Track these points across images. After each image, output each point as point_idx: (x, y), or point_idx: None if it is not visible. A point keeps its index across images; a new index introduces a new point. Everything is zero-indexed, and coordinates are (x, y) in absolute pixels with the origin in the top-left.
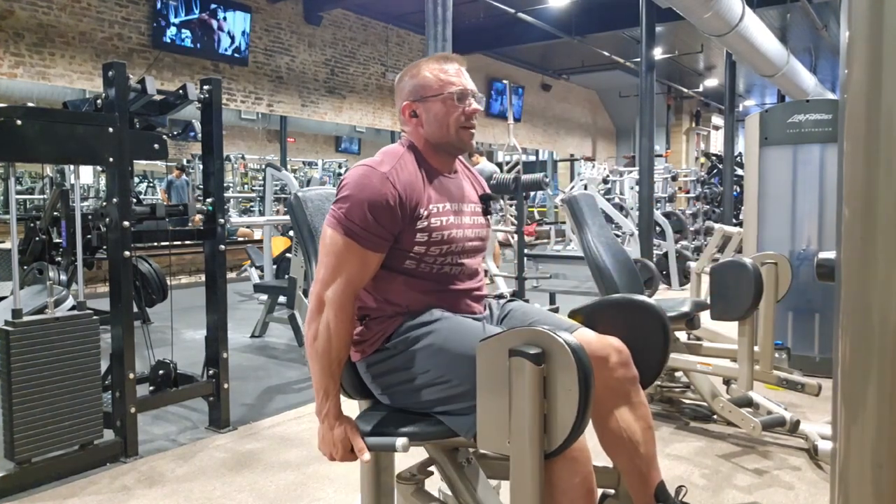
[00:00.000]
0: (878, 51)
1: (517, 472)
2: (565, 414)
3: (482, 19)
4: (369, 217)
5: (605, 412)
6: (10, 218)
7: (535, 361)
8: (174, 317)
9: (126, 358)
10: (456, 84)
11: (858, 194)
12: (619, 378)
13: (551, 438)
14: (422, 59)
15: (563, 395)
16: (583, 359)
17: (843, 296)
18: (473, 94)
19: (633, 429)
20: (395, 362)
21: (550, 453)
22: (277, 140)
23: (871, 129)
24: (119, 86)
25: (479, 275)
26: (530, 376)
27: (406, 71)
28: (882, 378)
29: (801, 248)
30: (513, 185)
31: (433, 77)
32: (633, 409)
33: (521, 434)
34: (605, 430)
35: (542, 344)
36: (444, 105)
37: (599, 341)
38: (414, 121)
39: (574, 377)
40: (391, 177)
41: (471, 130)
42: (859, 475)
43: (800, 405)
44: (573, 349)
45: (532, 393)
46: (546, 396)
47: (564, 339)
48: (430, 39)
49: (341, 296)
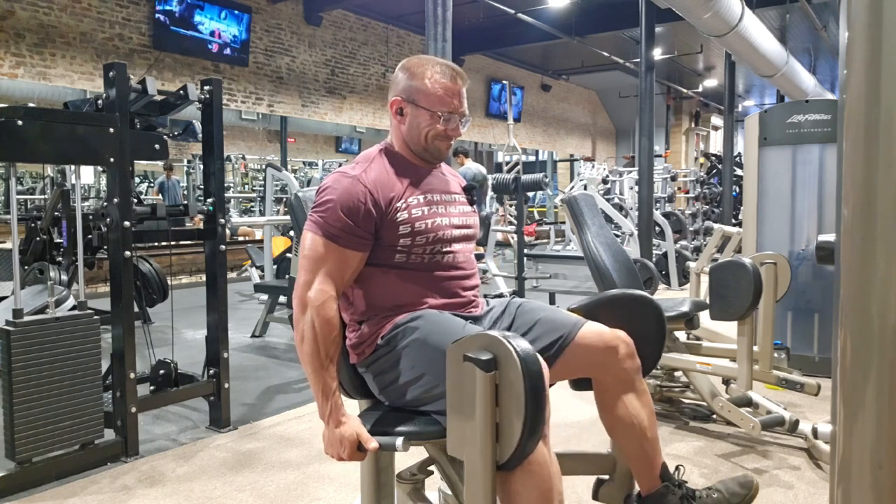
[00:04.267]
0: (878, 51)
1: (470, 482)
2: (515, 424)
3: (482, 19)
4: (344, 218)
5: (614, 400)
6: (11, 218)
7: (485, 368)
8: (175, 317)
9: (127, 358)
10: (449, 107)
11: (858, 194)
12: (627, 368)
13: (503, 448)
14: (430, 58)
15: (514, 405)
16: (532, 367)
17: (842, 295)
18: (461, 117)
19: (640, 415)
20: (386, 360)
21: (503, 464)
22: (278, 140)
23: (871, 130)
24: (120, 86)
25: (472, 263)
26: (481, 383)
27: (410, 65)
28: (882, 378)
29: (801, 248)
30: (513, 186)
31: (432, 89)
32: (638, 397)
33: (474, 442)
34: (614, 417)
35: (495, 350)
36: (430, 119)
37: (612, 333)
38: (399, 118)
39: (521, 386)
40: (361, 178)
41: (449, 143)
42: (859, 475)
43: (799, 405)
44: (522, 357)
45: (483, 400)
46: (499, 405)
47: (516, 346)
48: (429, 40)
49: (322, 295)
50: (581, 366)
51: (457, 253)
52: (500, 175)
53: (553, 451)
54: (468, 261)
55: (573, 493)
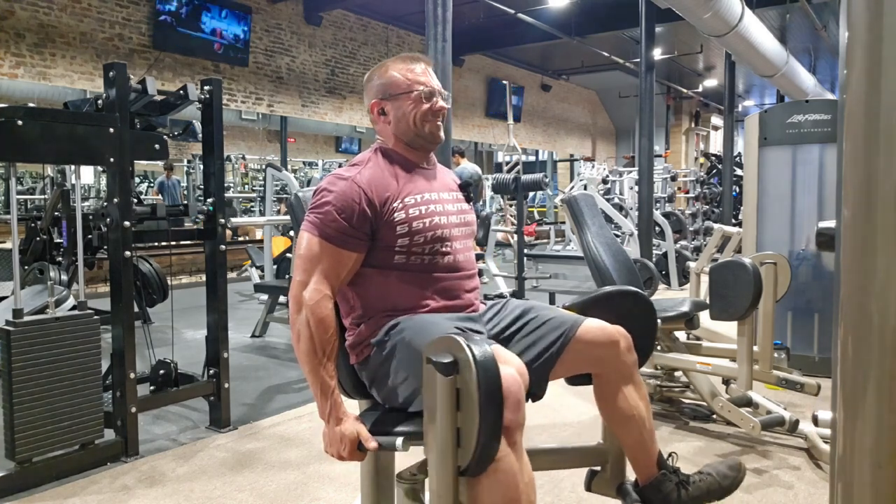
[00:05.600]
0: (878, 51)
1: (433, 487)
2: (473, 429)
3: (482, 20)
4: (340, 219)
5: (614, 393)
6: (11, 218)
7: (444, 372)
8: (175, 317)
9: (127, 357)
10: (423, 83)
11: (858, 194)
12: (626, 362)
13: (464, 453)
14: (388, 59)
15: (472, 409)
16: (489, 372)
17: (842, 295)
18: (440, 93)
19: (640, 406)
20: (379, 361)
21: (465, 469)
22: (278, 140)
23: (871, 130)
24: (120, 86)
25: (472, 263)
26: (441, 387)
27: (374, 70)
28: (882, 378)
29: (801, 248)
30: (513, 186)
31: (401, 76)
32: (637, 389)
33: (436, 446)
34: (615, 409)
35: (455, 353)
36: (413, 102)
37: (614, 328)
38: (382, 119)
39: (475, 391)
40: (356, 179)
41: (438, 122)
42: (859, 475)
43: (799, 405)
44: (478, 361)
45: (442, 404)
46: (460, 409)
47: (474, 350)
48: (430, 40)
49: (317, 294)
50: (584, 361)
51: (456, 253)
52: (500, 175)
53: (525, 459)
54: (468, 261)
55: (558, 490)
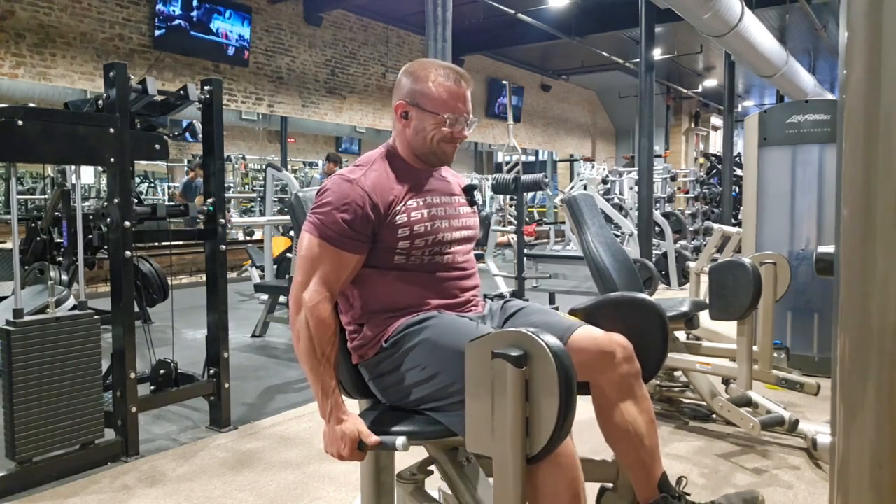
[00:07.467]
0: (877, 51)
1: (499, 476)
2: (547, 418)
3: (482, 20)
4: (341, 221)
5: (610, 406)
6: (12, 218)
7: (517, 364)
8: (175, 316)
9: (127, 357)
10: (454, 111)
11: (858, 194)
12: (624, 374)
13: (533, 442)
14: (434, 61)
15: (544, 399)
16: (565, 362)
17: (842, 295)
18: (468, 122)
19: (638, 422)
20: (393, 361)
21: (533, 457)
22: (278, 140)
23: (871, 130)
24: (120, 86)
25: (472, 263)
26: (512, 379)
27: (415, 68)
28: (881, 378)
29: (800, 248)
30: (512, 186)
31: (436, 93)
32: (636, 403)
33: (504, 437)
34: (610, 423)
35: (525, 346)
36: (437, 124)
37: (606, 338)
38: (403, 122)
39: (555, 381)
40: (360, 182)
41: (455, 146)
42: (858, 475)
43: (799, 405)
44: (554, 352)
45: (513, 396)
46: (528, 399)
47: (547, 342)
48: (430, 40)
49: (316, 295)
50: None
51: (456, 253)
52: (500, 175)
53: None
54: (468, 261)
55: None
